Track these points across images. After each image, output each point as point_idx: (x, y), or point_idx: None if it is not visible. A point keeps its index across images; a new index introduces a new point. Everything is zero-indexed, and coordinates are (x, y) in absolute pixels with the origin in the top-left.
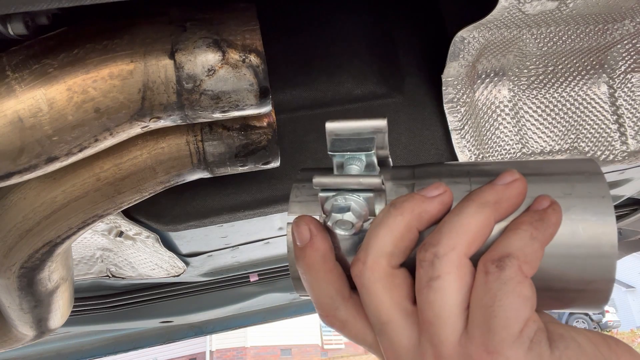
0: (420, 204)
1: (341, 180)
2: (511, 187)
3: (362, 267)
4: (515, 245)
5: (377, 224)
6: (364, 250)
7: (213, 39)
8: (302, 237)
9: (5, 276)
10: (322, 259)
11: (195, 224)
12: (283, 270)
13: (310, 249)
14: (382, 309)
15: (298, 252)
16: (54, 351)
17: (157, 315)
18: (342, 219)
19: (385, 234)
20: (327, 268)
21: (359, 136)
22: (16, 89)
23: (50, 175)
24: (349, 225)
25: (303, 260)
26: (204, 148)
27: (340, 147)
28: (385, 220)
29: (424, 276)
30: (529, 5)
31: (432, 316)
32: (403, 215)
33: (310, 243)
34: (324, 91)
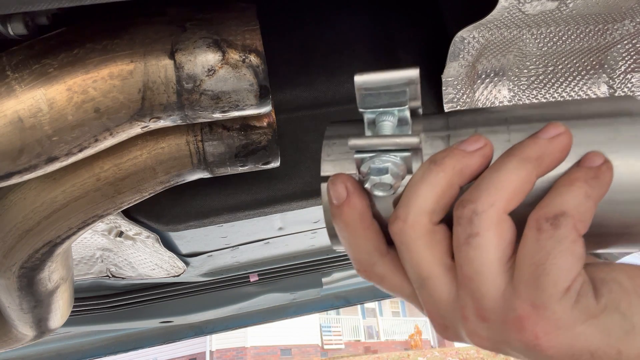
0: (461, 159)
1: (377, 142)
2: (555, 142)
3: (403, 224)
4: (570, 203)
5: (418, 181)
6: (404, 207)
7: (213, 39)
8: (339, 196)
9: (5, 276)
10: (359, 217)
11: (195, 224)
12: (283, 270)
13: (348, 207)
14: (422, 265)
15: (335, 210)
16: (54, 351)
17: (157, 315)
18: (380, 181)
19: (426, 191)
20: (365, 225)
21: (390, 90)
22: (16, 89)
23: (50, 175)
24: (387, 187)
25: (340, 218)
26: (204, 148)
27: (372, 103)
28: (426, 177)
29: (462, 233)
30: (529, 5)
31: (472, 272)
32: (445, 171)
33: (347, 201)
34: (324, 91)
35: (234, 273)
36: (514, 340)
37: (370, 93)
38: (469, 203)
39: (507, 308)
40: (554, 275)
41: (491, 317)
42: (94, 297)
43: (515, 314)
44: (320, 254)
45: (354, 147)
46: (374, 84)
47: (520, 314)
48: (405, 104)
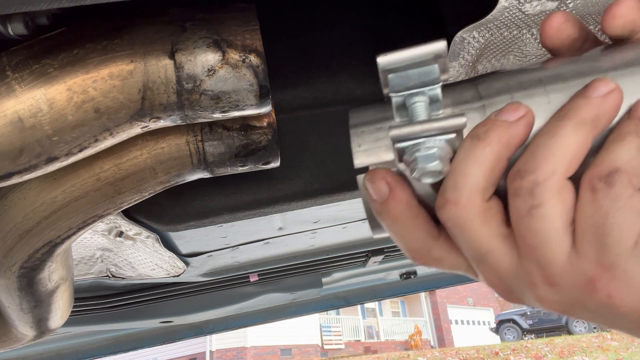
0: (506, 130)
1: (421, 128)
2: (608, 100)
3: (455, 208)
4: (623, 159)
5: (463, 160)
6: (454, 190)
7: (213, 39)
8: (382, 193)
9: (5, 276)
10: (406, 208)
11: (195, 224)
12: (283, 270)
13: (393, 202)
14: (480, 243)
15: (380, 207)
16: (54, 351)
17: (157, 315)
18: (429, 169)
19: (475, 169)
20: (413, 215)
21: (418, 67)
22: (16, 89)
23: (50, 175)
24: (436, 174)
25: (387, 214)
26: (204, 148)
27: (402, 85)
28: (472, 154)
29: (522, 205)
30: (529, 5)
31: (536, 242)
32: (491, 146)
33: (392, 196)
34: (324, 91)
35: (234, 273)
36: (587, 301)
37: (397, 74)
38: (528, 174)
39: (576, 272)
40: (616, 234)
41: (560, 282)
42: (94, 297)
43: (585, 276)
44: (320, 254)
45: (397, 138)
46: (400, 63)
47: (591, 276)
48: (437, 82)
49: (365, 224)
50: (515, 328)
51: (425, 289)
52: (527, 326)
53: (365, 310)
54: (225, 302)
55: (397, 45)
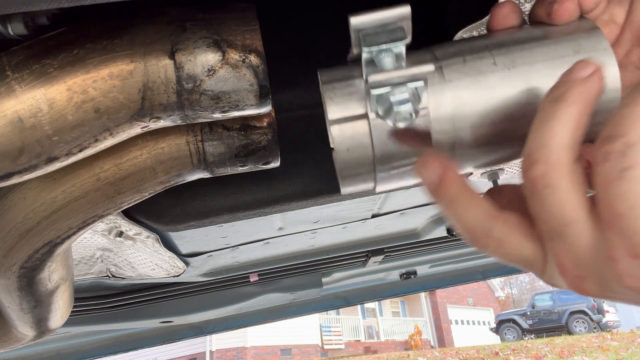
0: (584, 87)
1: (397, 74)
2: None
3: (545, 166)
4: None
5: (547, 121)
6: (541, 149)
7: (213, 39)
8: (436, 174)
9: (5, 276)
10: (461, 189)
11: (195, 224)
12: (283, 270)
13: (446, 185)
14: (566, 209)
15: (434, 192)
16: (54, 351)
17: (157, 315)
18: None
19: (561, 127)
20: (468, 194)
21: (386, 27)
22: (16, 89)
23: (50, 175)
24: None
25: (443, 195)
26: (204, 148)
27: (373, 41)
28: (556, 115)
29: (613, 169)
30: (528, 5)
31: (624, 208)
32: (574, 104)
33: (446, 176)
34: None
35: (234, 273)
36: None
37: (368, 33)
38: (619, 137)
39: None
40: None
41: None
42: (94, 297)
43: None
44: (320, 254)
45: (375, 84)
46: (371, 24)
47: None
48: (404, 38)
49: (365, 224)
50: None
51: (425, 289)
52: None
53: (365, 310)
54: (225, 302)
55: None
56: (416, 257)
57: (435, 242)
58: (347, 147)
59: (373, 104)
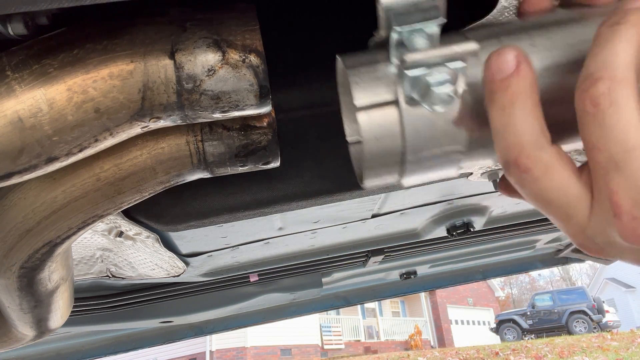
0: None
1: (435, 53)
2: None
3: (612, 82)
4: None
5: (608, 42)
6: (605, 67)
7: (213, 39)
8: (508, 65)
9: (5, 276)
10: (531, 89)
11: (195, 224)
12: (283, 270)
13: (518, 77)
14: (632, 131)
15: (499, 84)
16: (54, 351)
17: (157, 315)
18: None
19: (625, 47)
20: (535, 101)
21: (419, 6)
22: (16, 89)
23: (50, 175)
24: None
25: (507, 91)
26: (204, 148)
27: (405, 20)
28: (617, 36)
29: None
30: None
31: None
32: (637, 25)
33: (518, 71)
34: (324, 91)
35: (234, 273)
36: None
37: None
38: None
39: None
40: None
41: None
42: (94, 297)
43: None
44: (320, 254)
45: (411, 64)
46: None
47: None
48: (438, 16)
49: (365, 224)
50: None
51: (425, 289)
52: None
53: (365, 310)
54: (225, 302)
55: None
56: (416, 257)
57: (435, 242)
58: (375, 136)
59: (407, 87)
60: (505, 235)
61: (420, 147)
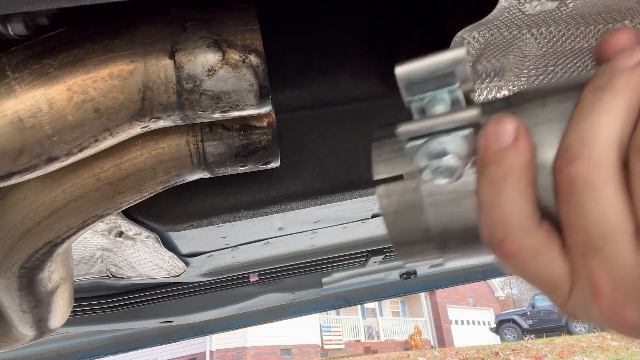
0: (632, 75)
1: (430, 123)
2: None
3: (587, 164)
4: None
5: (589, 113)
6: (581, 144)
7: (213, 39)
8: (505, 137)
9: (5, 276)
10: (527, 166)
11: (195, 224)
12: (283, 270)
13: (515, 151)
14: (610, 216)
15: (493, 155)
16: (54, 351)
17: (157, 315)
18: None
19: (607, 120)
20: (529, 180)
21: (436, 74)
22: (16, 89)
23: (50, 175)
24: (450, 171)
25: (502, 164)
26: (204, 148)
27: (419, 89)
28: (599, 105)
29: None
30: (528, 5)
31: None
32: (621, 93)
33: (515, 144)
34: (324, 91)
35: (234, 273)
36: None
37: (415, 81)
38: None
39: None
40: None
41: None
42: (94, 297)
43: None
44: (320, 254)
45: (405, 134)
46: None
47: None
48: (455, 83)
49: (365, 224)
50: (515, 328)
51: (425, 289)
52: (527, 326)
53: (365, 310)
54: (225, 302)
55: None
56: None
57: None
58: (394, 210)
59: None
60: None
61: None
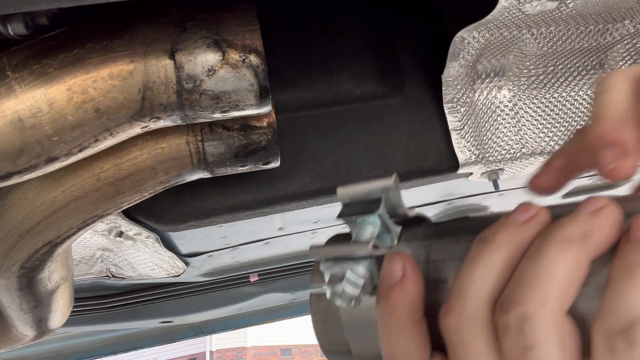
0: (516, 231)
1: (335, 250)
2: (601, 215)
3: (459, 317)
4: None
5: (469, 265)
6: (458, 297)
7: (213, 39)
8: (392, 275)
9: (5, 276)
10: (409, 306)
11: (195, 224)
12: (283, 270)
13: (399, 291)
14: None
15: (384, 290)
16: (54, 351)
17: (157, 315)
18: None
19: (482, 275)
20: (413, 319)
21: (368, 197)
22: (16, 89)
23: (50, 175)
24: (347, 297)
25: (386, 302)
26: (204, 148)
27: (348, 212)
28: (478, 259)
29: (513, 346)
30: (528, 5)
31: None
32: (499, 249)
33: (401, 283)
34: (324, 91)
35: (234, 273)
36: None
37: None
38: (514, 305)
39: None
40: None
41: None
42: (94, 297)
43: None
44: None
45: (314, 255)
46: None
47: None
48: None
49: None
50: None
51: None
52: None
53: None
54: (225, 302)
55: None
56: None
57: None
58: (322, 319)
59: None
60: None
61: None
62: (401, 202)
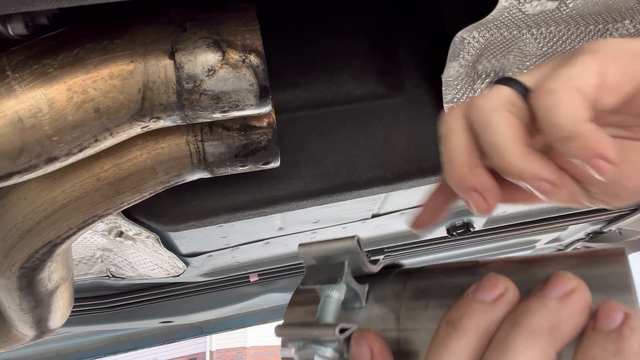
0: (484, 314)
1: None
2: (570, 303)
3: None
4: None
5: (437, 351)
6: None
7: (213, 39)
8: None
9: (5, 276)
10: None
11: (195, 224)
12: (283, 270)
13: None
14: None
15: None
16: (54, 351)
17: (157, 315)
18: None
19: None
20: None
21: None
22: (16, 89)
23: (50, 175)
24: None
25: None
26: (204, 148)
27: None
28: (446, 346)
29: None
30: (528, 5)
31: None
32: (467, 336)
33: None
34: (324, 91)
35: (234, 273)
36: None
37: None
38: None
39: None
40: None
41: None
42: (94, 297)
43: None
44: None
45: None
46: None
47: None
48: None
49: (365, 224)
50: None
51: None
52: None
53: None
54: (225, 302)
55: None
56: (416, 257)
57: (435, 242)
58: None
59: None
60: (505, 235)
61: None
62: (365, 262)
